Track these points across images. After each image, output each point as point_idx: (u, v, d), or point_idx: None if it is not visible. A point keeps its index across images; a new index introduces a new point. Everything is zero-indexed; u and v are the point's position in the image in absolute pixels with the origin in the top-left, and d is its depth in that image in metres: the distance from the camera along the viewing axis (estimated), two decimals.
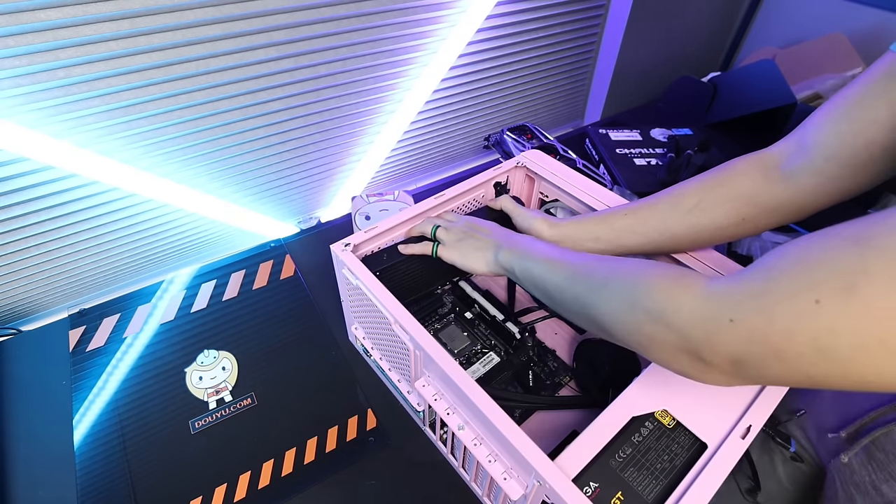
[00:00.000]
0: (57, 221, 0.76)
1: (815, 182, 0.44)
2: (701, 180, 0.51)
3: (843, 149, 0.42)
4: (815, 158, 0.44)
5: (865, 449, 0.50)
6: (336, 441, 0.62)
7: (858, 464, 0.50)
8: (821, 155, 0.43)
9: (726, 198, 0.49)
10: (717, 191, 0.49)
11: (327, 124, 0.92)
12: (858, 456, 0.51)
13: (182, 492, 0.57)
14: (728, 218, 0.49)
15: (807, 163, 0.44)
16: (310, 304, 0.78)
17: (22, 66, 0.61)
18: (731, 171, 0.49)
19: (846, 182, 0.43)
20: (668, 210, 0.52)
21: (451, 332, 0.69)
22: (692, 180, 0.52)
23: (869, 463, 0.49)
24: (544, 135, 0.99)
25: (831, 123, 0.43)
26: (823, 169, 0.43)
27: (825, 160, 0.43)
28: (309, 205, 1.05)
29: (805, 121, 0.46)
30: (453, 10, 0.90)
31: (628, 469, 0.40)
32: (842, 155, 0.42)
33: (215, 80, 0.75)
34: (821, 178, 0.44)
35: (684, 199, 0.51)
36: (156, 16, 0.66)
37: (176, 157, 0.80)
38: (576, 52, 1.19)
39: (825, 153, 0.43)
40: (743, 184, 0.48)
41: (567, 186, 0.65)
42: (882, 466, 0.48)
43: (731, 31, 1.39)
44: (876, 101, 0.40)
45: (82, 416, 0.64)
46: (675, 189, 0.52)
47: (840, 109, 0.42)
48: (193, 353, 0.70)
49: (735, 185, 0.49)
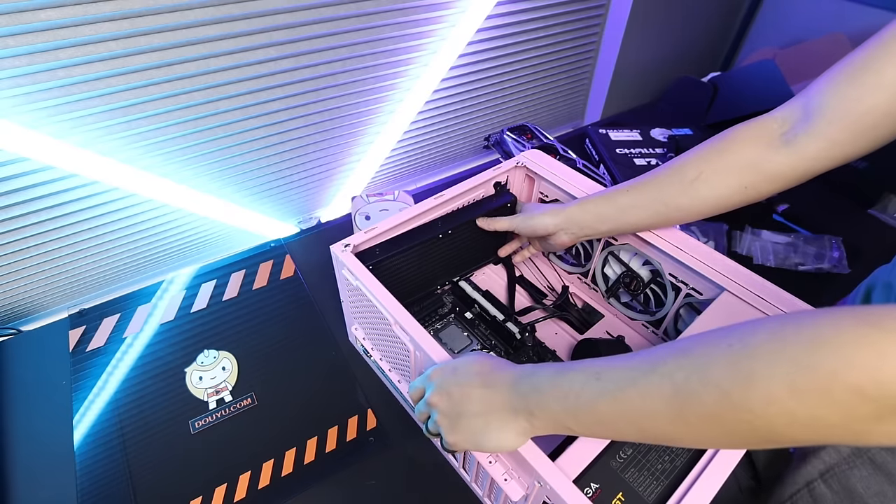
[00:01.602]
0: (57, 221, 0.76)
1: (818, 147, 0.44)
2: (702, 151, 0.51)
3: (846, 114, 0.42)
4: (818, 123, 0.44)
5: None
6: (336, 441, 0.62)
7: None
8: (824, 119, 0.43)
9: (728, 167, 0.49)
10: (719, 161, 0.49)
11: (327, 124, 0.92)
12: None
13: (182, 492, 0.57)
14: (730, 187, 0.49)
15: (809, 128, 0.44)
16: (310, 304, 0.78)
17: (22, 66, 0.61)
18: (732, 140, 0.49)
19: (847, 147, 0.43)
20: (670, 183, 0.52)
21: (451, 332, 0.69)
22: (693, 151, 0.51)
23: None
24: (544, 135, 0.99)
25: (836, 88, 0.42)
26: (826, 134, 0.43)
27: (828, 124, 0.43)
28: (309, 205, 1.05)
29: (809, 86, 0.45)
30: (453, 10, 0.90)
31: (629, 470, 0.40)
32: (845, 120, 0.42)
33: (215, 80, 0.75)
34: (823, 143, 0.44)
35: (686, 170, 0.51)
36: (156, 16, 0.65)
37: (176, 157, 0.80)
38: (576, 52, 1.19)
39: (828, 117, 0.43)
40: (744, 152, 0.48)
41: (567, 186, 0.65)
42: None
43: (731, 31, 1.39)
44: (884, 65, 0.39)
45: (82, 416, 0.64)
46: (676, 161, 0.52)
47: (845, 74, 0.42)
48: (193, 353, 0.70)
49: (736, 154, 0.48)
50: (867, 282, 0.57)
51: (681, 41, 1.33)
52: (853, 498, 0.47)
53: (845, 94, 0.42)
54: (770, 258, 0.87)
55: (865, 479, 0.46)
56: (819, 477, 0.50)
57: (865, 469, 0.47)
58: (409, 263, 0.63)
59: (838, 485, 0.48)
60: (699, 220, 0.91)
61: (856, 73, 0.41)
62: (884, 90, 0.39)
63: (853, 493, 0.47)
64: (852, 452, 0.48)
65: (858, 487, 0.47)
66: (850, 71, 0.42)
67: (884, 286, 0.53)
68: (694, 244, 0.56)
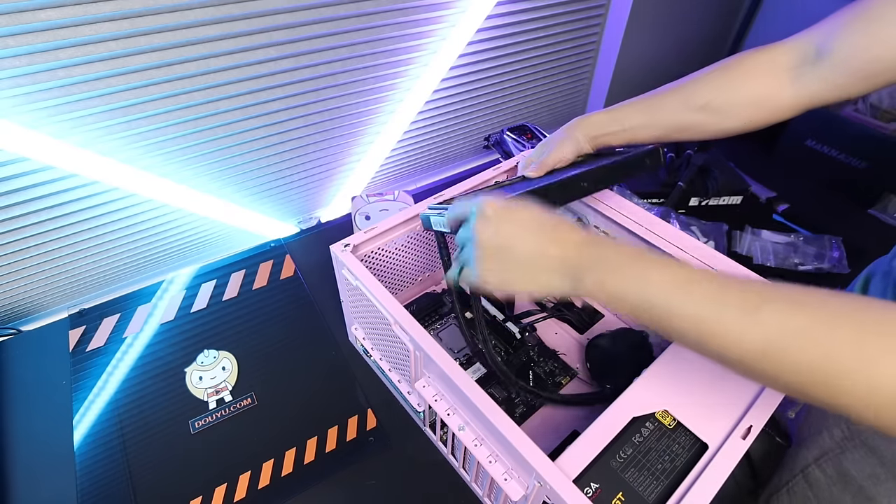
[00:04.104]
0: (57, 221, 0.76)
1: (820, 88, 0.46)
2: (712, 76, 0.52)
3: (853, 61, 0.43)
4: (825, 66, 0.45)
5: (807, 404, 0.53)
6: (336, 441, 0.62)
7: (801, 418, 0.52)
8: (832, 63, 0.45)
9: (735, 102, 0.50)
10: (728, 92, 0.50)
11: (327, 124, 0.92)
12: (802, 411, 0.53)
13: (182, 492, 0.57)
14: (734, 121, 0.51)
15: (817, 69, 0.46)
16: (310, 304, 0.78)
17: (22, 66, 0.61)
18: (744, 71, 0.50)
19: (847, 90, 0.45)
20: (679, 106, 0.53)
21: (452, 332, 0.69)
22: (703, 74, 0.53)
23: (808, 416, 0.52)
24: (544, 135, 0.99)
25: (849, 34, 0.44)
26: (831, 78, 0.45)
27: (833, 68, 0.45)
28: (309, 205, 1.05)
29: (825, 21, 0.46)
30: (453, 10, 0.90)
31: (629, 470, 0.40)
32: (851, 67, 0.43)
33: (215, 80, 0.75)
34: (826, 85, 0.46)
35: (695, 96, 0.52)
36: (156, 16, 0.65)
37: (176, 157, 0.80)
38: (576, 52, 1.19)
39: (835, 62, 0.44)
40: (753, 87, 0.49)
41: None
42: (819, 418, 0.51)
43: (731, 31, 1.39)
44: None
45: (82, 416, 0.64)
46: (686, 84, 0.53)
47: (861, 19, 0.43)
48: (193, 353, 0.70)
49: (745, 87, 0.50)
50: (865, 272, 0.58)
51: (681, 41, 1.32)
52: (847, 481, 0.47)
53: (856, 42, 0.43)
54: (770, 258, 0.87)
55: (858, 462, 0.47)
56: (813, 462, 0.50)
57: (858, 452, 0.47)
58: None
59: (832, 469, 0.49)
60: (699, 221, 0.91)
61: (870, 21, 0.42)
62: (890, 44, 0.41)
63: (847, 476, 0.47)
64: (845, 437, 0.48)
65: (851, 470, 0.47)
66: (865, 17, 0.43)
67: (883, 274, 0.54)
68: (694, 244, 0.56)
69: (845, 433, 0.48)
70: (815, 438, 0.51)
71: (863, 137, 0.98)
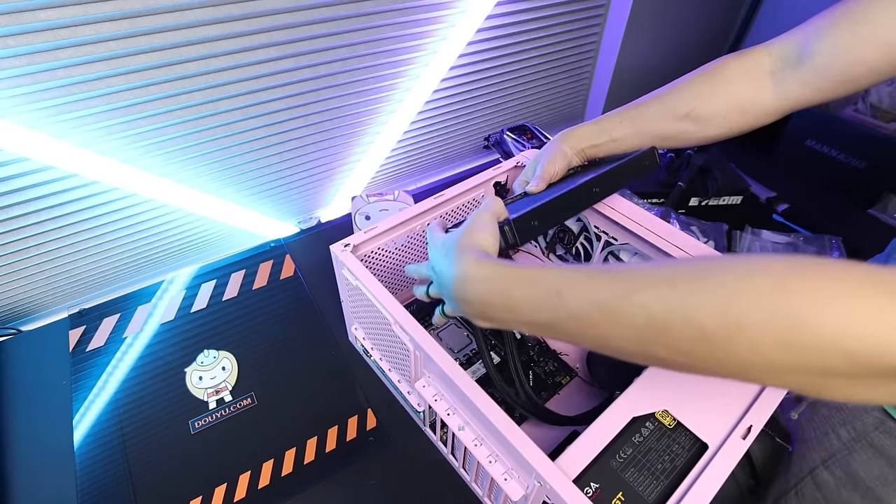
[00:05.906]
0: (57, 221, 0.76)
1: (802, 92, 0.46)
2: (693, 83, 0.52)
3: (835, 63, 0.43)
4: (807, 70, 0.45)
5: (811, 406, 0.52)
6: (336, 441, 0.62)
7: (805, 420, 0.52)
8: (814, 67, 0.44)
9: (718, 109, 0.50)
10: (710, 100, 0.50)
11: (327, 124, 0.92)
12: (805, 412, 0.52)
13: (182, 492, 0.57)
14: (717, 128, 0.51)
15: (798, 73, 0.46)
16: (310, 304, 0.78)
17: (22, 66, 0.61)
18: (725, 77, 0.50)
19: (827, 94, 0.45)
20: (663, 115, 0.53)
21: (451, 332, 0.69)
22: (684, 81, 0.52)
23: (813, 418, 0.52)
24: (544, 135, 0.99)
25: (832, 35, 0.43)
26: (812, 82, 0.45)
27: (816, 72, 0.44)
28: (309, 205, 1.05)
29: (809, 22, 0.46)
30: (453, 10, 0.90)
31: (629, 469, 0.40)
32: (834, 70, 0.43)
33: (215, 80, 0.75)
34: (808, 89, 0.45)
35: (677, 105, 0.52)
36: (156, 16, 0.65)
37: (176, 157, 0.80)
38: (576, 52, 1.19)
39: (818, 66, 0.44)
40: (735, 92, 0.49)
41: None
42: (825, 420, 0.51)
43: (731, 32, 1.39)
44: (881, 18, 0.40)
45: (82, 416, 0.64)
46: (671, 92, 0.53)
47: (845, 19, 0.43)
48: (193, 353, 0.70)
49: (728, 93, 0.49)
50: None
51: (681, 41, 1.32)
52: (856, 482, 0.47)
53: (839, 43, 0.42)
54: None
55: (866, 464, 0.47)
56: (821, 464, 0.50)
57: (865, 453, 0.47)
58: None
59: (840, 471, 0.48)
60: (699, 221, 0.91)
61: (854, 22, 0.42)
62: (874, 45, 0.40)
63: (855, 477, 0.47)
64: (852, 438, 0.48)
65: (860, 472, 0.47)
66: (849, 17, 0.42)
67: None
68: (695, 245, 0.56)
69: (852, 434, 0.48)
70: (822, 440, 0.50)
71: (863, 137, 0.99)
